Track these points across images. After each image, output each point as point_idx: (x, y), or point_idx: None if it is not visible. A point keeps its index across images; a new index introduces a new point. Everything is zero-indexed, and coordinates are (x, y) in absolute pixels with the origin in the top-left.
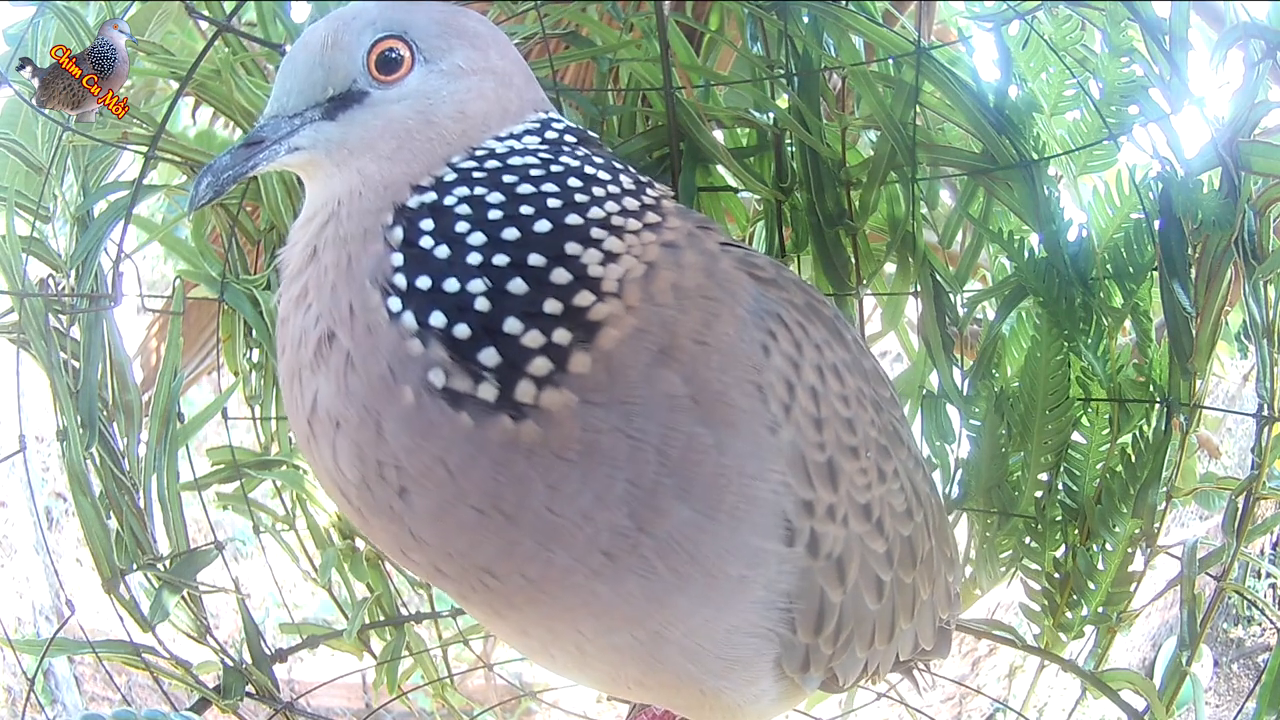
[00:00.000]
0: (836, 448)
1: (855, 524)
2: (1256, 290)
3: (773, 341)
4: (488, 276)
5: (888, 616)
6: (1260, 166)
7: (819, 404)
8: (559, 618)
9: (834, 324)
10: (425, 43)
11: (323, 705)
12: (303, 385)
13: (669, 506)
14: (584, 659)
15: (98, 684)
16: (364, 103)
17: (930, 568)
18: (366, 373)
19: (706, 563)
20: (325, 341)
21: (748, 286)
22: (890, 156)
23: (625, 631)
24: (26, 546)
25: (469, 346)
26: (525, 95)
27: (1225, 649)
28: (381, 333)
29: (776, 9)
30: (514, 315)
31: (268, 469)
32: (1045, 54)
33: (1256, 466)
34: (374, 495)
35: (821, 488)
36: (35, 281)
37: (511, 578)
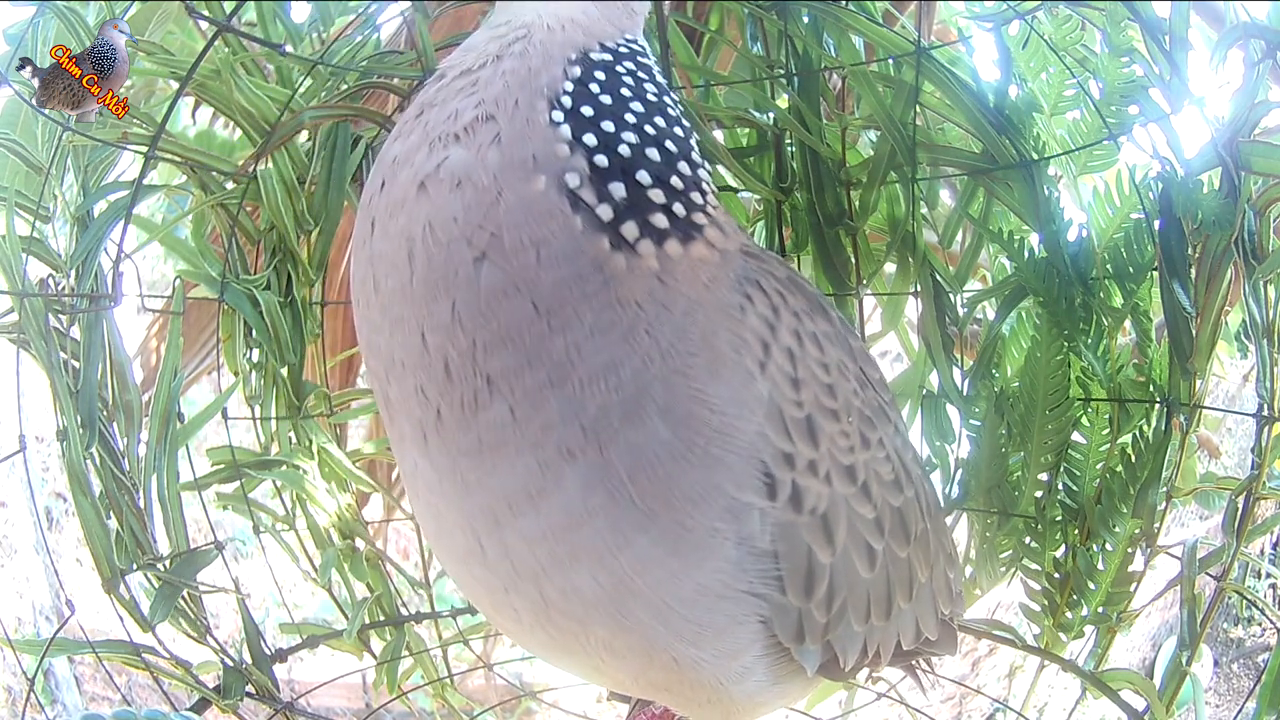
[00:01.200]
0: (815, 407)
1: (840, 484)
2: (1256, 290)
3: (749, 303)
4: (637, 134)
5: (882, 588)
6: (1260, 166)
7: (795, 364)
8: (518, 506)
9: (817, 301)
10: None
11: (323, 705)
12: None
13: (650, 419)
14: (543, 610)
15: (98, 684)
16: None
17: (926, 550)
18: (510, 152)
19: (675, 501)
20: (480, 120)
21: (738, 259)
22: (890, 156)
23: (586, 570)
24: (26, 546)
25: (605, 173)
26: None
27: (1225, 649)
28: (538, 128)
29: (776, 9)
30: (647, 170)
31: (268, 469)
32: (1045, 54)
33: (1256, 466)
34: (448, 258)
35: (801, 442)
36: (35, 281)
37: (498, 403)
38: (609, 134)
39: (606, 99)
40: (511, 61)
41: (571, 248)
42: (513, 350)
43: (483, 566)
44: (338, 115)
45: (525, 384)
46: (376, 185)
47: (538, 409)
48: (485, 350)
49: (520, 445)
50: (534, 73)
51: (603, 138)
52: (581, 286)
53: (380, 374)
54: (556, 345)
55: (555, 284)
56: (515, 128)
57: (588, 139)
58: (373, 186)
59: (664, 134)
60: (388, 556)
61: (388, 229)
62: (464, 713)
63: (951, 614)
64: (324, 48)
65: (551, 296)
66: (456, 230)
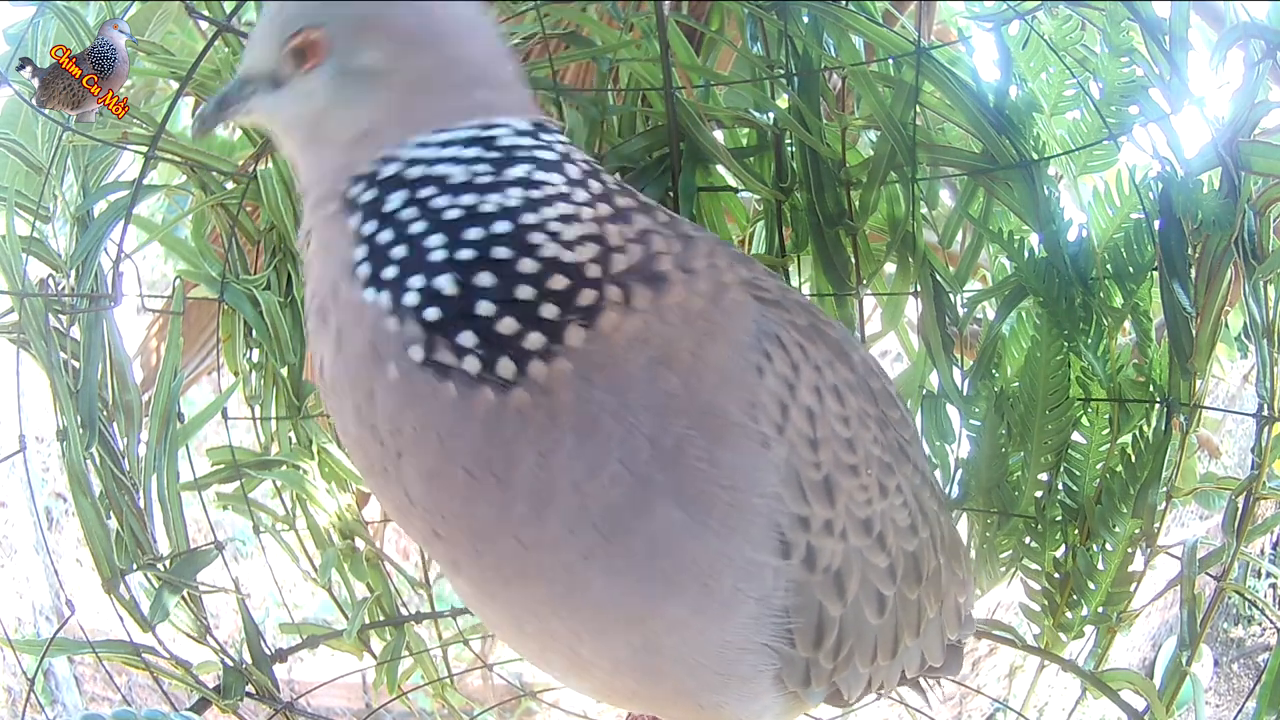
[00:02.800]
0: (834, 465)
1: (855, 538)
2: (1256, 290)
3: (768, 363)
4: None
5: (890, 632)
6: (1260, 166)
7: (815, 424)
8: (552, 607)
9: (840, 346)
10: (341, 36)
11: (323, 705)
12: (314, 351)
13: (660, 505)
14: (579, 664)
15: (98, 684)
16: (286, 85)
17: (937, 586)
18: (353, 347)
19: (699, 571)
20: (322, 314)
21: (750, 310)
22: (890, 156)
23: (619, 636)
24: (26, 546)
25: (445, 326)
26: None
27: (1225, 649)
28: (361, 311)
29: (776, 9)
30: (487, 300)
31: (268, 469)
32: (1045, 54)
33: (1256, 466)
34: (371, 457)
35: (817, 503)
36: (35, 281)
37: (504, 541)
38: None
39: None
40: (315, 236)
41: (461, 412)
42: (481, 505)
43: (520, 638)
44: None
45: (513, 520)
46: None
47: (541, 532)
48: (459, 515)
49: (541, 563)
50: (328, 246)
51: (420, 287)
52: (499, 434)
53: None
54: (516, 483)
55: (471, 447)
56: (344, 319)
57: (407, 300)
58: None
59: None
60: (388, 556)
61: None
62: (464, 713)
63: (959, 638)
64: None
65: (475, 458)
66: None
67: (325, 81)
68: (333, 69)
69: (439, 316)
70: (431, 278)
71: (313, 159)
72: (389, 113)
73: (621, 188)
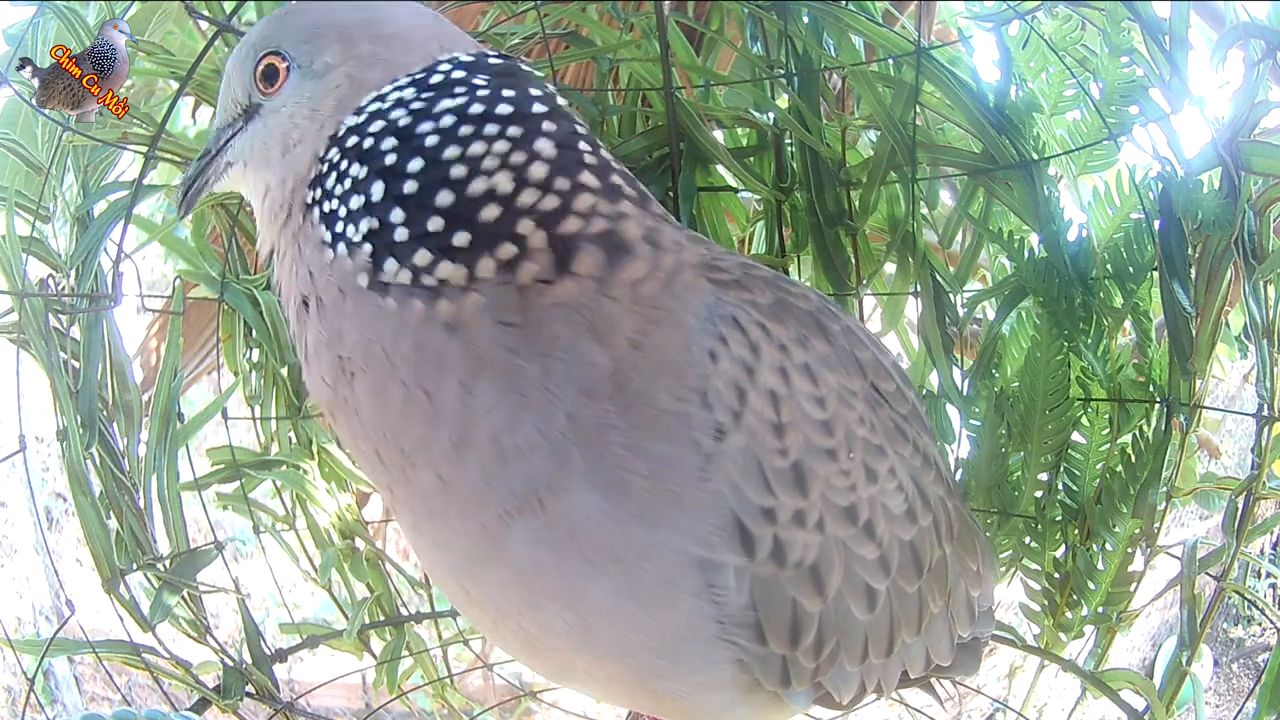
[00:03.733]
0: (805, 451)
1: (835, 529)
2: (1256, 290)
3: (722, 347)
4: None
5: (883, 629)
6: (1260, 166)
7: (780, 408)
8: (475, 560)
9: (814, 318)
10: (296, 50)
11: (323, 705)
12: (298, 339)
13: (577, 485)
14: (530, 641)
15: (98, 684)
16: (259, 114)
17: (942, 578)
18: (329, 303)
19: (620, 556)
20: (303, 303)
21: (703, 292)
22: (890, 156)
23: (552, 612)
24: (26, 546)
25: (378, 257)
26: (400, 60)
27: (1225, 649)
28: (329, 266)
29: (776, 9)
30: (400, 227)
31: (268, 469)
32: (1045, 54)
33: (1256, 466)
34: (336, 392)
35: (785, 494)
36: (35, 281)
37: (427, 473)
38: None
39: (353, 196)
40: (281, 244)
41: (399, 322)
42: (413, 424)
43: (468, 605)
44: None
45: (436, 450)
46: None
47: (460, 471)
48: (396, 434)
49: (463, 510)
50: (300, 243)
51: (360, 224)
52: (431, 345)
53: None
54: (443, 411)
55: (407, 359)
56: (320, 285)
57: (353, 236)
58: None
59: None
60: (388, 556)
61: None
62: (464, 713)
63: (973, 635)
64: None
65: (410, 371)
66: (333, 373)
67: (292, 90)
68: (296, 78)
69: (371, 249)
70: (359, 221)
71: (286, 169)
72: (343, 93)
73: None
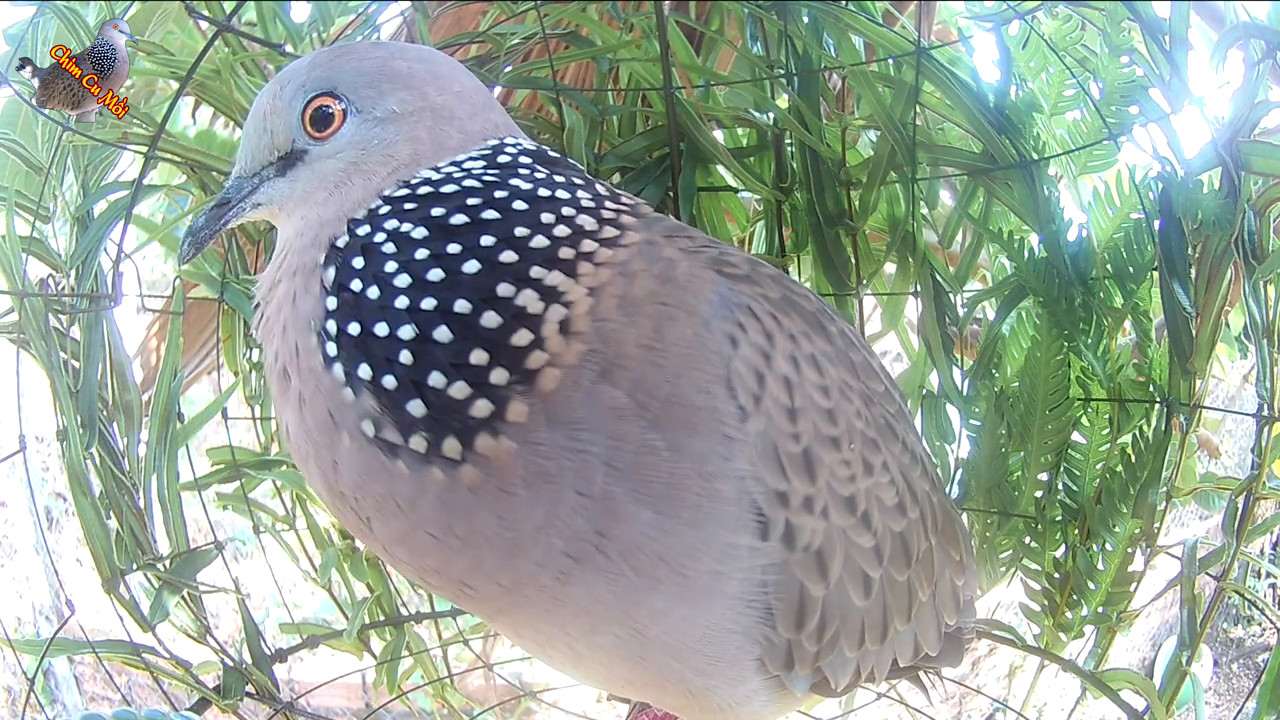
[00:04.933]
0: (814, 438)
1: (837, 517)
2: (1256, 290)
3: (741, 333)
4: (415, 322)
5: (878, 615)
6: (1260, 166)
7: (793, 393)
8: (542, 620)
9: (815, 318)
10: (355, 94)
11: (323, 705)
12: (278, 414)
13: (627, 511)
14: (577, 658)
15: (98, 684)
16: (305, 160)
17: (929, 568)
18: (313, 413)
19: (675, 562)
20: (284, 376)
21: (713, 283)
22: (890, 156)
23: (608, 631)
24: (26, 546)
25: (398, 396)
26: (470, 127)
27: (1225, 649)
28: (320, 377)
29: (776, 9)
30: (438, 369)
31: (268, 469)
32: (1045, 54)
33: (1256, 466)
34: (346, 519)
35: (797, 479)
36: (35, 281)
37: (486, 586)
38: (384, 342)
39: (373, 291)
40: (282, 288)
41: (416, 486)
42: (454, 561)
43: (521, 641)
44: None
45: (487, 569)
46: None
47: (515, 574)
48: (438, 570)
49: (522, 596)
50: (298, 299)
51: (379, 353)
52: (454, 506)
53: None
54: (482, 544)
55: (431, 516)
56: (305, 383)
57: (362, 372)
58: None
59: (456, 280)
60: None
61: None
62: (464, 713)
63: (958, 625)
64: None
65: (437, 525)
66: (332, 496)
67: (350, 136)
68: (354, 123)
69: (395, 384)
70: (397, 327)
71: (328, 211)
72: (421, 145)
73: (609, 193)
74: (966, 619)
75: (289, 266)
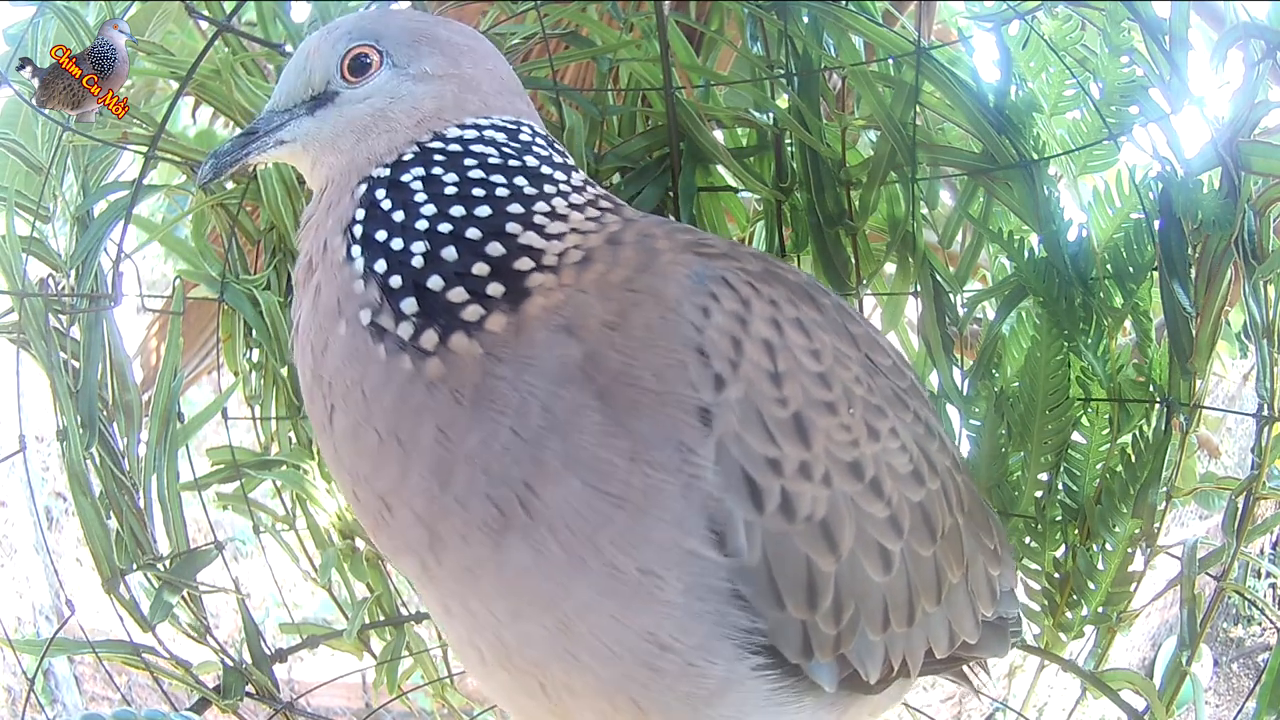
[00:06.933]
0: (805, 402)
1: (842, 483)
2: (1256, 290)
3: (714, 302)
4: (429, 240)
5: (902, 593)
6: (1260, 166)
7: (775, 357)
8: (466, 589)
9: (803, 288)
10: (396, 49)
11: (323, 705)
12: (294, 306)
13: (556, 472)
14: (507, 653)
15: (98, 684)
16: (335, 101)
17: (956, 547)
18: (325, 300)
19: (601, 547)
20: (308, 269)
21: (688, 264)
22: (890, 156)
23: (534, 620)
24: (26, 546)
25: (399, 293)
26: (493, 101)
27: (1225, 649)
28: (339, 270)
29: (776, 9)
30: (440, 274)
31: (268, 469)
32: (1045, 54)
33: (1256, 466)
34: (315, 408)
35: (788, 444)
36: (35, 281)
37: (403, 511)
38: (398, 252)
39: (399, 213)
40: (319, 213)
41: (385, 373)
42: (385, 469)
43: (448, 619)
44: None
45: (410, 486)
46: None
47: (435, 503)
48: (369, 478)
49: (443, 538)
50: (333, 208)
51: (393, 258)
52: (410, 400)
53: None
54: (416, 455)
55: (385, 410)
56: (325, 275)
57: (378, 266)
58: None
59: (471, 217)
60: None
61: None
62: (464, 712)
63: (998, 615)
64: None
65: (386, 421)
66: (312, 382)
67: (382, 84)
68: (388, 74)
69: (400, 284)
70: (411, 242)
71: (356, 157)
72: (445, 103)
73: (602, 192)
74: (1007, 610)
75: (328, 199)
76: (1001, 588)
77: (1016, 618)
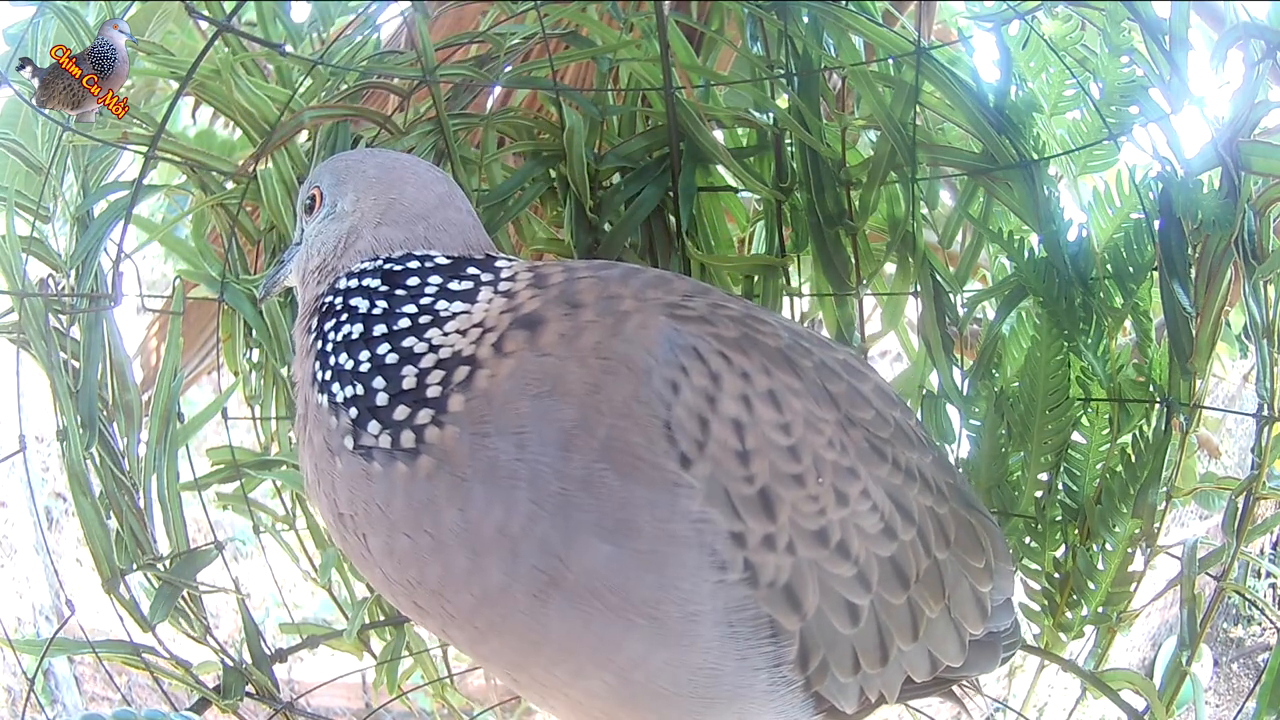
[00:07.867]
0: (772, 477)
1: (806, 550)
2: (1256, 290)
3: (683, 377)
4: (356, 379)
5: (873, 640)
6: (1260, 166)
7: (743, 435)
8: (530, 660)
9: (781, 353)
10: (329, 190)
11: (323, 705)
12: (300, 459)
13: (586, 537)
14: (577, 706)
15: (98, 684)
16: (305, 236)
17: (935, 584)
18: (318, 444)
19: (642, 602)
20: (302, 422)
21: (659, 329)
22: (890, 156)
23: (594, 676)
24: (26, 546)
25: (361, 418)
26: (385, 234)
27: (1225, 649)
28: (320, 415)
29: (776, 9)
30: (383, 393)
31: (268, 469)
32: (1045, 54)
33: (1256, 466)
34: (349, 544)
35: (753, 519)
36: (35, 281)
37: (462, 597)
38: (345, 387)
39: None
40: (299, 344)
41: (387, 483)
42: (430, 565)
43: (520, 689)
44: (337, 115)
45: (458, 573)
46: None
47: (486, 580)
48: (420, 581)
49: (501, 616)
50: (302, 358)
51: (345, 392)
52: (419, 496)
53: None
54: (450, 540)
55: (403, 514)
56: (312, 424)
57: (338, 399)
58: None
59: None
60: None
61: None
62: (464, 713)
63: (988, 630)
64: (324, 48)
65: (408, 523)
66: (338, 522)
67: (317, 224)
68: (324, 213)
69: (356, 413)
70: (344, 385)
71: (306, 288)
72: (341, 245)
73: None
74: (1000, 623)
75: (299, 337)
76: (994, 601)
77: (1012, 628)
